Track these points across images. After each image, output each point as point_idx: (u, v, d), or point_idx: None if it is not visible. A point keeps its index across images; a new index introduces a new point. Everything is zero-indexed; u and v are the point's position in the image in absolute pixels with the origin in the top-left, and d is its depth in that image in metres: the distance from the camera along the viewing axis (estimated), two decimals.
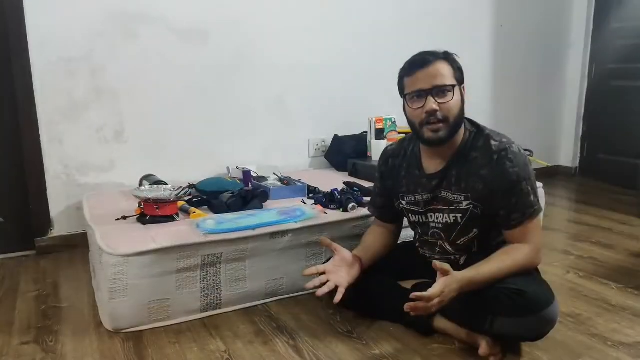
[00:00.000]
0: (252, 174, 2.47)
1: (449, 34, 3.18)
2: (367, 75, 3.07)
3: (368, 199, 2.06)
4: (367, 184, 2.37)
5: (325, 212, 1.99)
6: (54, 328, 1.70)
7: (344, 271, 1.58)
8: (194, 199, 2.13)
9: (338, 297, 1.51)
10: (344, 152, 2.90)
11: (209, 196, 2.12)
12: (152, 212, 1.88)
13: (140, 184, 2.29)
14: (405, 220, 1.76)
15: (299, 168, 2.96)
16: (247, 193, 2.08)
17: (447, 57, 1.52)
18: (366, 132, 2.94)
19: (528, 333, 1.43)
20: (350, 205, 2.00)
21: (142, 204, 1.91)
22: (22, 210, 2.38)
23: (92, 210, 2.08)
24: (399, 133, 2.83)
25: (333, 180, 2.47)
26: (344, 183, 2.36)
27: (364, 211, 1.98)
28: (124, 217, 1.94)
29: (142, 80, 2.49)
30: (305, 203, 2.14)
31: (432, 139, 1.50)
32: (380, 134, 2.86)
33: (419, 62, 1.50)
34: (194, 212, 1.96)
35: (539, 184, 2.13)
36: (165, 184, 2.17)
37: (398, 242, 1.82)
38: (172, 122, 2.59)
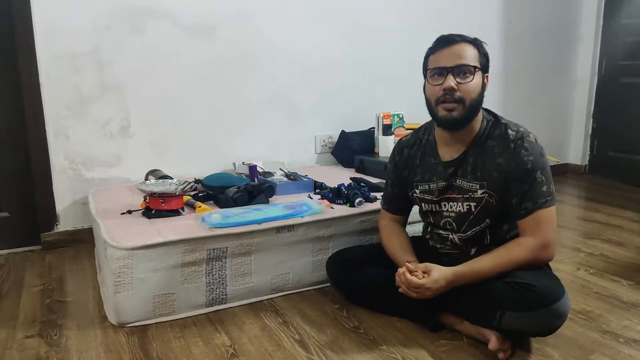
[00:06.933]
0: (258, 169, 2.46)
1: (458, 29, 3.11)
2: (375, 71, 3.04)
3: (375, 194, 2.04)
4: (375, 180, 2.35)
5: (331, 207, 1.97)
6: (58, 322, 1.69)
7: None
8: (200, 194, 2.11)
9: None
10: (351, 148, 2.87)
11: (215, 191, 2.11)
12: (157, 206, 1.87)
13: (146, 179, 2.28)
14: (416, 213, 1.74)
15: (306, 164, 2.95)
16: (254, 188, 2.06)
17: (475, 41, 1.51)
18: (373, 128, 2.92)
19: (538, 328, 1.41)
20: (357, 200, 1.98)
21: (148, 198, 1.90)
22: (28, 205, 2.38)
23: (98, 205, 2.07)
24: (407, 129, 2.80)
25: (340, 176, 2.45)
26: (351, 179, 2.34)
27: (371, 206, 1.97)
28: (129, 212, 1.93)
29: (148, 75, 2.48)
30: (311, 198, 2.12)
31: (445, 118, 1.48)
32: (387, 130, 2.83)
33: (445, 40, 1.49)
34: (200, 207, 1.95)
35: None
36: (171, 178, 2.16)
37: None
38: (179, 117, 2.58)
